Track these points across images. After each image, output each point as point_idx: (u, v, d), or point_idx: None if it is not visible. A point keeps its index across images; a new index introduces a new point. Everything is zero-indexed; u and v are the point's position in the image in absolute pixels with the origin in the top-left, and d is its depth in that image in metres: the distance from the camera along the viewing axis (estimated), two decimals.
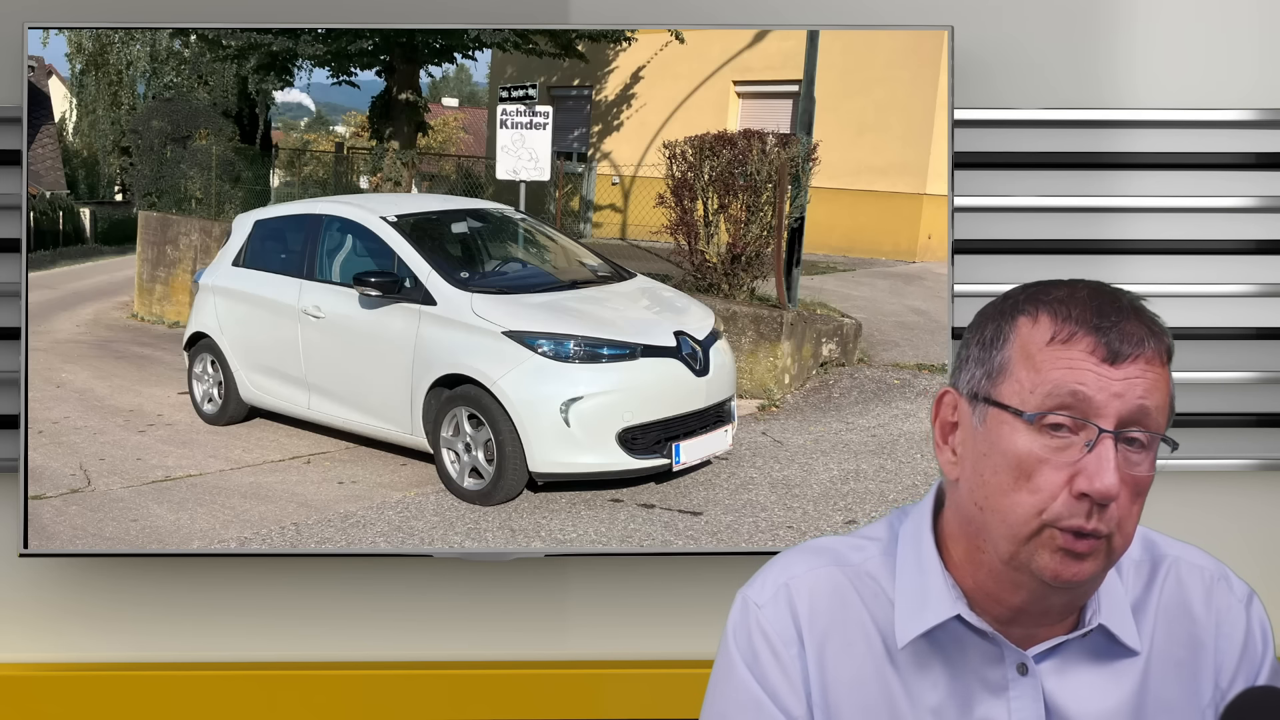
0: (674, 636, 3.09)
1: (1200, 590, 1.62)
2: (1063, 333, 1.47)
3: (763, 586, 1.62)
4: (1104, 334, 1.46)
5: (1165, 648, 1.60)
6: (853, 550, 1.63)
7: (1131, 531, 1.49)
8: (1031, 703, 1.55)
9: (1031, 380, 1.47)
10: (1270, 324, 3.13)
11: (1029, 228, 3.11)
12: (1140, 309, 1.50)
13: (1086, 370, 1.45)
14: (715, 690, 1.64)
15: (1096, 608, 1.56)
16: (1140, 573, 1.62)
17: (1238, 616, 1.63)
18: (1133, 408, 1.45)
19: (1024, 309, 1.50)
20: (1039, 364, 1.47)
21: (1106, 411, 1.44)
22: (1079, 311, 1.47)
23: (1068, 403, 1.45)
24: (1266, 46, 3.13)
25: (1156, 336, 1.48)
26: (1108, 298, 1.49)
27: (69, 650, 3.11)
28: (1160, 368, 1.48)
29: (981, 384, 1.51)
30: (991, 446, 1.49)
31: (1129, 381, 1.45)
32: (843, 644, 1.58)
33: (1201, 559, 1.65)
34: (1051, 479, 1.45)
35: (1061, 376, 1.45)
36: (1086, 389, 1.44)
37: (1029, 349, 1.48)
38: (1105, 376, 1.45)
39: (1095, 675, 1.57)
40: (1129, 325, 1.47)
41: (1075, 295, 1.49)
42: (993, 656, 1.56)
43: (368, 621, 3.13)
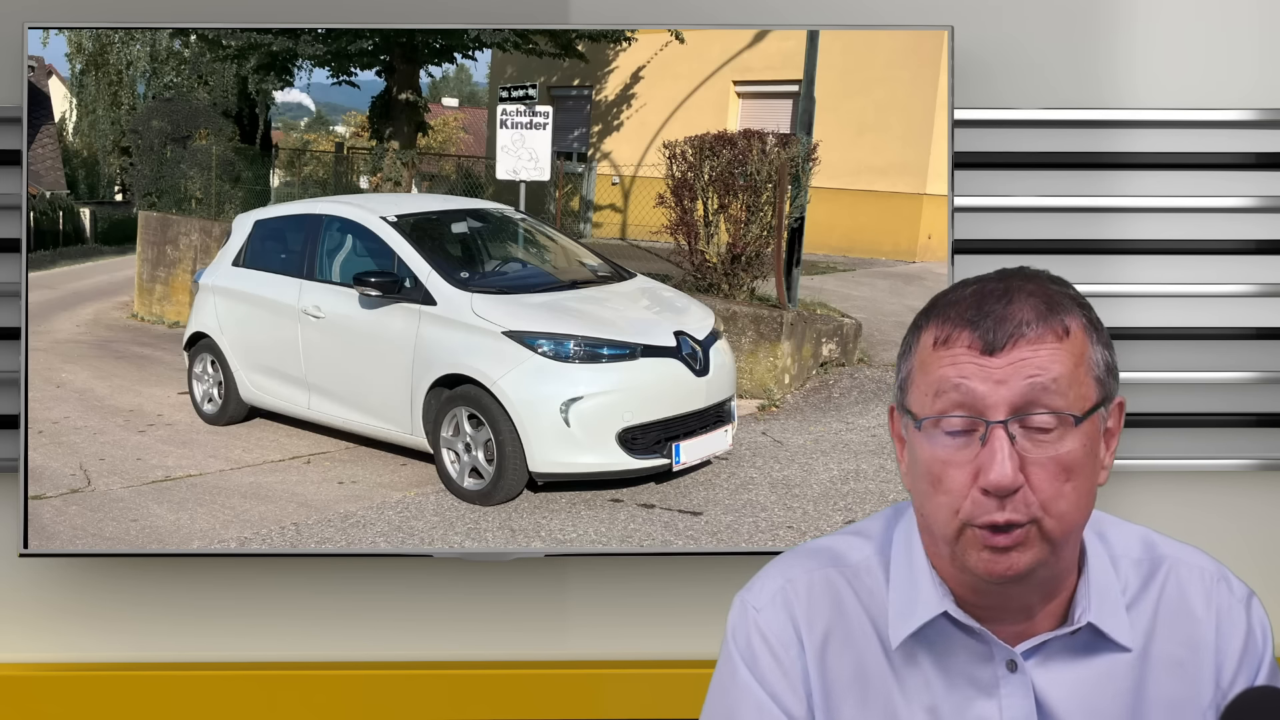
0: (674, 636, 3.09)
1: (1200, 591, 1.62)
2: (942, 334, 1.49)
3: (761, 590, 1.63)
4: (977, 326, 1.47)
5: (1165, 647, 1.60)
6: (850, 550, 1.64)
7: (1069, 513, 1.48)
8: (1022, 699, 1.56)
9: (924, 386, 1.49)
10: (1270, 324, 3.13)
11: (1029, 228, 3.11)
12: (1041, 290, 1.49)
13: (967, 364, 1.46)
14: (717, 692, 1.65)
15: (1086, 605, 1.56)
16: (1139, 571, 1.62)
17: (1238, 617, 1.63)
18: (1020, 392, 1.45)
19: (922, 319, 1.53)
20: (928, 369, 1.49)
21: (993, 401, 1.45)
22: (958, 310, 1.49)
23: (956, 400, 1.46)
24: (1266, 46, 3.13)
25: (1052, 314, 1.47)
26: (995, 289, 1.50)
27: (69, 650, 3.11)
28: (1055, 343, 1.47)
29: (899, 397, 1.55)
30: (914, 456, 1.53)
31: (1012, 366, 1.45)
32: (841, 645, 1.59)
33: (1201, 560, 1.65)
34: (958, 479, 1.47)
35: (945, 374, 1.47)
36: (969, 382, 1.46)
37: (922, 357, 1.51)
38: (986, 367, 1.46)
39: (1087, 672, 1.58)
40: (1012, 311, 1.47)
41: (962, 294, 1.51)
42: (982, 654, 1.57)
43: (368, 621, 3.13)
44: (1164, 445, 3.12)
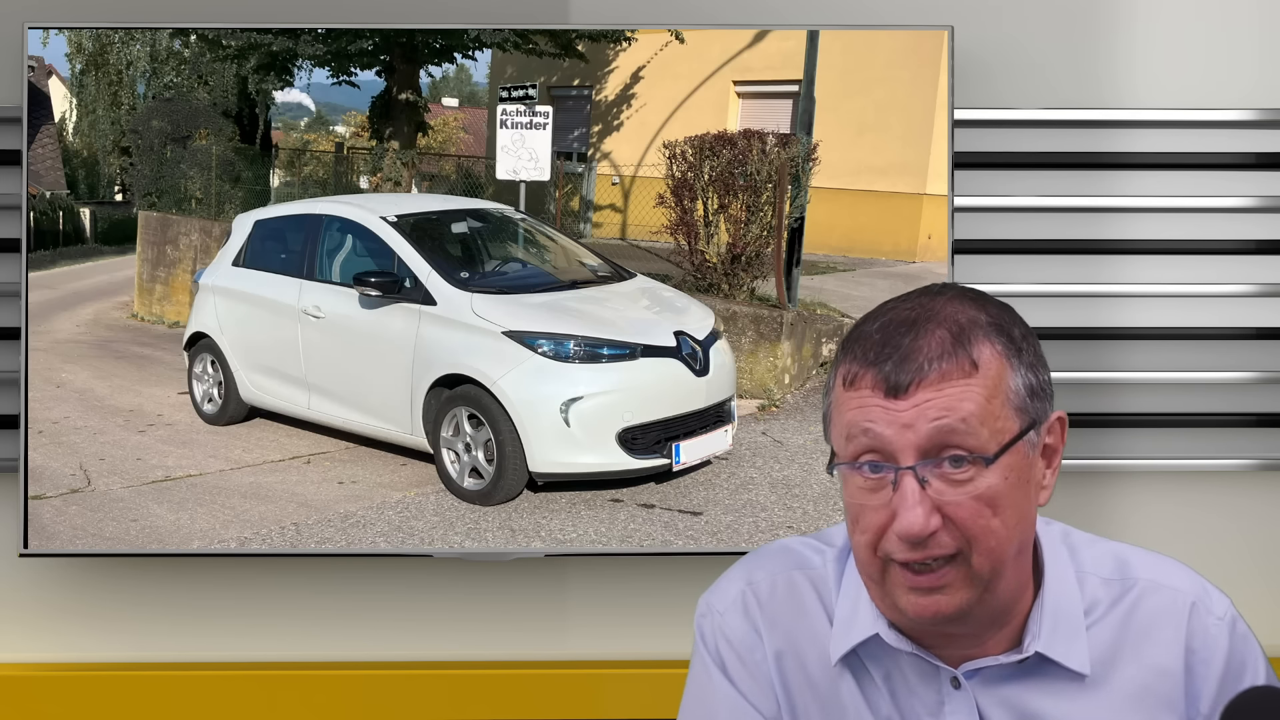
0: (674, 636, 3.07)
1: (1172, 615, 1.55)
2: (850, 374, 1.44)
3: (724, 593, 1.63)
4: (881, 367, 1.41)
5: (1126, 671, 1.54)
6: (814, 553, 1.62)
7: (998, 548, 1.43)
8: (966, 717, 1.53)
9: (838, 427, 1.46)
10: (1270, 324, 3.13)
11: (1029, 228, 3.11)
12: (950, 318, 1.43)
13: (873, 407, 1.42)
14: (693, 692, 1.64)
15: (1037, 633, 1.51)
16: (1108, 590, 1.56)
17: (1218, 639, 1.55)
18: (927, 435, 1.40)
19: (840, 352, 1.48)
20: (841, 410, 1.45)
21: (900, 446, 1.41)
22: (863, 348, 1.44)
23: (866, 444, 1.42)
24: (1266, 46, 3.13)
25: (956, 349, 1.41)
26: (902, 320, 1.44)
27: (69, 650, 3.11)
28: (963, 380, 1.40)
29: (825, 432, 1.51)
30: (841, 493, 1.49)
31: (918, 409, 1.40)
32: (803, 647, 1.58)
33: (1179, 581, 1.57)
34: (873, 519, 1.43)
35: (853, 418, 1.43)
36: (876, 427, 1.41)
37: (837, 396, 1.46)
38: (891, 410, 1.41)
39: (1033, 695, 1.53)
40: (917, 345, 1.41)
41: (872, 328, 1.45)
42: (925, 671, 1.54)
43: (368, 621, 3.13)
44: (1164, 445, 3.12)
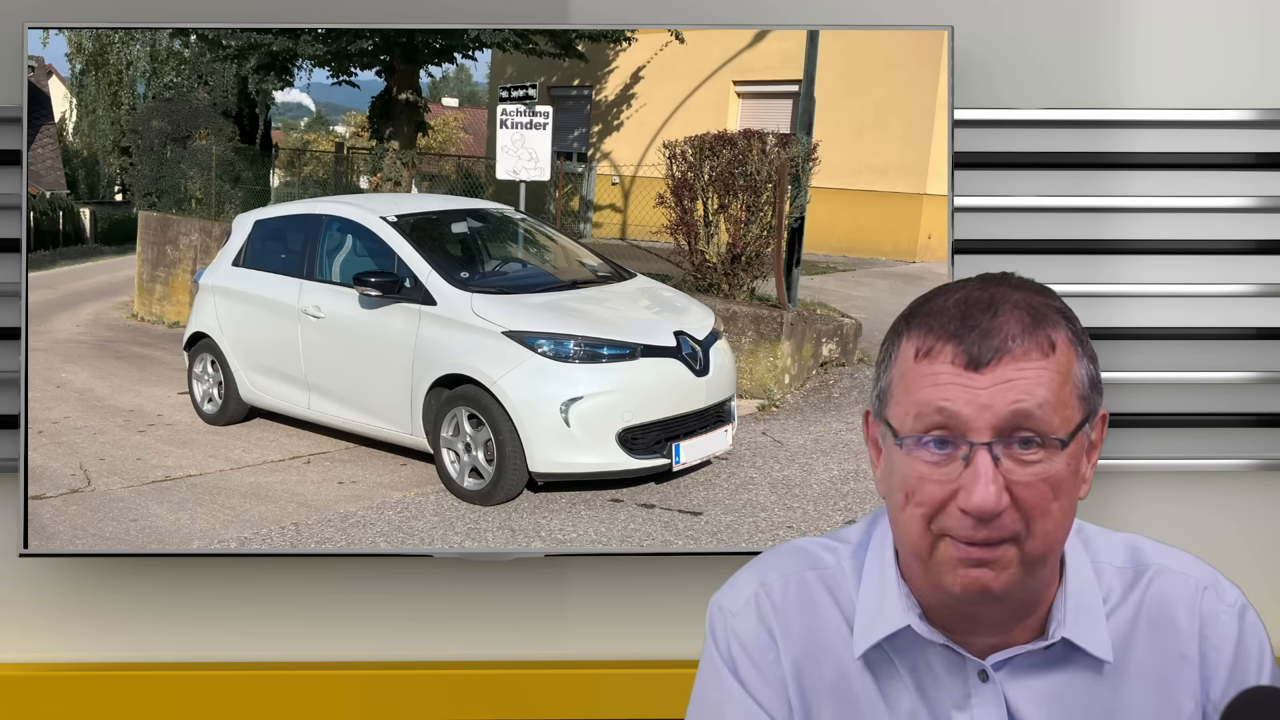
0: (674, 636, 3.09)
1: (1185, 600, 1.57)
2: (925, 345, 1.44)
3: (736, 594, 1.62)
4: (963, 340, 1.42)
5: (1143, 657, 1.56)
6: (827, 552, 1.62)
7: (1053, 531, 1.45)
8: (994, 709, 1.53)
9: (906, 402, 1.45)
10: (1270, 324, 3.13)
11: (1029, 228, 3.11)
12: (1026, 300, 1.45)
13: (950, 384, 1.42)
14: (702, 693, 1.64)
15: (1062, 619, 1.53)
16: (1123, 578, 1.58)
17: (1228, 625, 1.57)
18: (1006, 415, 1.41)
19: (903, 326, 1.49)
20: (910, 384, 1.45)
21: (977, 424, 1.41)
22: (942, 321, 1.44)
23: (938, 421, 1.42)
24: (1266, 46, 3.13)
25: (1037, 328, 1.43)
26: (980, 298, 1.45)
27: (69, 650, 3.11)
28: (1041, 360, 1.42)
29: (877, 406, 1.51)
30: (890, 466, 1.48)
31: (997, 388, 1.41)
32: (817, 648, 1.58)
33: (1190, 567, 1.60)
34: (934, 493, 1.43)
35: (927, 395, 1.42)
36: (952, 404, 1.41)
37: (903, 369, 1.46)
38: (971, 387, 1.41)
39: (1060, 684, 1.55)
40: (1000, 323, 1.42)
41: (946, 304, 1.46)
42: (953, 663, 1.54)
43: (368, 621, 3.13)
44: (1164, 445, 3.12)
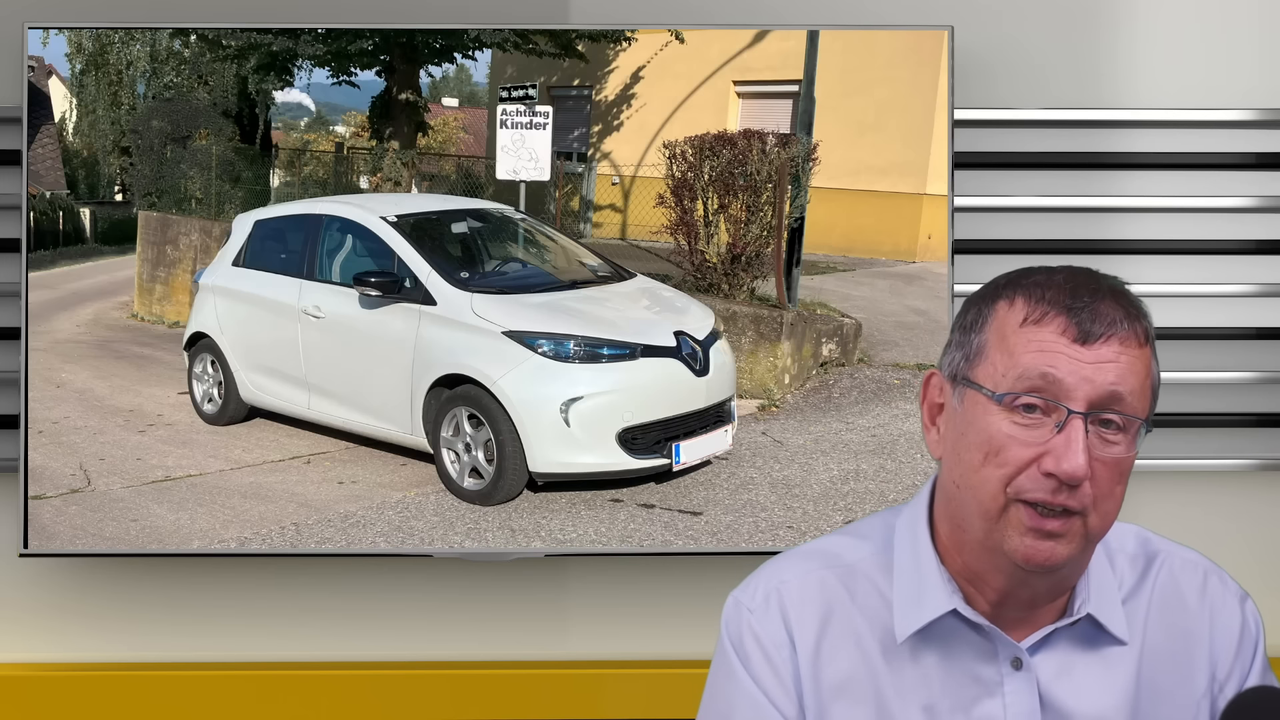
0: (674, 636, 3.09)
1: (1194, 583, 1.64)
2: (1035, 313, 1.48)
3: (755, 591, 1.63)
4: (1076, 314, 1.47)
5: (1159, 639, 1.61)
6: (846, 550, 1.64)
7: (1112, 513, 1.50)
8: (1027, 697, 1.56)
9: (1005, 363, 1.48)
10: (1270, 324, 3.13)
11: (1029, 228, 3.11)
12: (1120, 291, 1.51)
13: (1058, 353, 1.46)
14: (713, 691, 1.65)
15: (1086, 596, 1.57)
16: (1135, 566, 1.63)
17: (1233, 610, 1.64)
18: (1104, 392, 1.46)
19: (1003, 293, 1.52)
20: (1012, 346, 1.49)
21: (1077, 394, 1.45)
22: (1053, 293, 1.49)
23: (1038, 385, 1.46)
24: (1266, 46, 3.13)
25: (1133, 319, 1.49)
26: (1084, 280, 1.50)
27: (69, 650, 3.11)
28: (1137, 349, 1.48)
29: (960, 366, 1.53)
30: (968, 425, 1.51)
31: (1100, 365, 1.46)
32: (833, 646, 1.59)
33: (1195, 555, 1.67)
34: (1019, 454, 1.47)
35: (1033, 360, 1.47)
36: (1057, 371, 1.46)
37: (1004, 331, 1.50)
38: (1076, 359, 1.46)
39: (1088, 667, 1.58)
40: (1104, 306, 1.47)
41: (1052, 278, 1.51)
42: (986, 652, 1.57)
43: (368, 621, 3.13)
44: (1164, 445, 3.12)
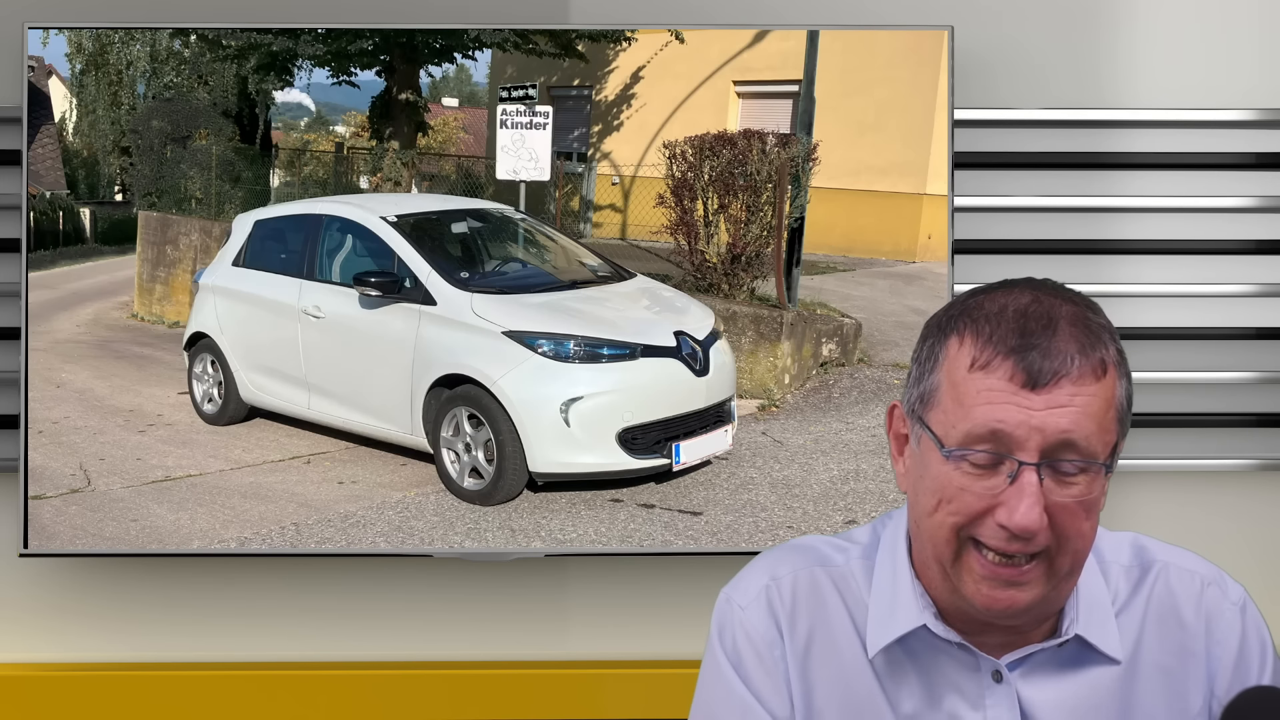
0: (674, 636, 3.09)
1: (1191, 596, 1.59)
2: (983, 357, 1.43)
3: (746, 588, 1.62)
4: (1024, 356, 1.41)
5: (1152, 655, 1.57)
6: (836, 551, 1.62)
7: (1083, 550, 1.45)
8: (1007, 710, 1.54)
9: (954, 414, 1.44)
10: (1270, 324, 3.13)
11: (1029, 228, 3.11)
12: (1079, 316, 1.44)
13: (1005, 403, 1.41)
14: (703, 690, 1.64)
15: (1074, 616, 1.53)
16: (1129, 578, 1.59)
17: (1232, 622, 1.59)
18: (1056, 440, 1.40)
19: (955, 326, 1.47)
20: (961, 395, 1.43)
21: (1028, 445, 1.40)
22: (1003, 331, 1.43)
23: (987, 439, 1.41)
24: (1266, 46, 3.13)
25: (1090, 348, 1.42)
26: (1039, 309, 1.44)
27: (69, 650, 3.11)
28: (1093, 385, 1.42)
29: (917, 405, 1.50)
30: (924, 468, 1.48)
31: (1051, 411, 1.40)
32: (824, 645, 1.58)
33: (1194, 564, 1.62)
34: (972, 505, 1.43)
35: (982, 414, 1.41)
36: (1005, 425, 1.40)
37: (954, 376, 1.45)
38: (1026, 407, 1.40)
39: (1073, 684, 1.55)
40: (1057, 342, 1.41)
41: (1005, 311, 1.44)
42: (967, 664, 1.55)
43: (368, 621, 3.13)
44: (1164, 445, 3.12)
